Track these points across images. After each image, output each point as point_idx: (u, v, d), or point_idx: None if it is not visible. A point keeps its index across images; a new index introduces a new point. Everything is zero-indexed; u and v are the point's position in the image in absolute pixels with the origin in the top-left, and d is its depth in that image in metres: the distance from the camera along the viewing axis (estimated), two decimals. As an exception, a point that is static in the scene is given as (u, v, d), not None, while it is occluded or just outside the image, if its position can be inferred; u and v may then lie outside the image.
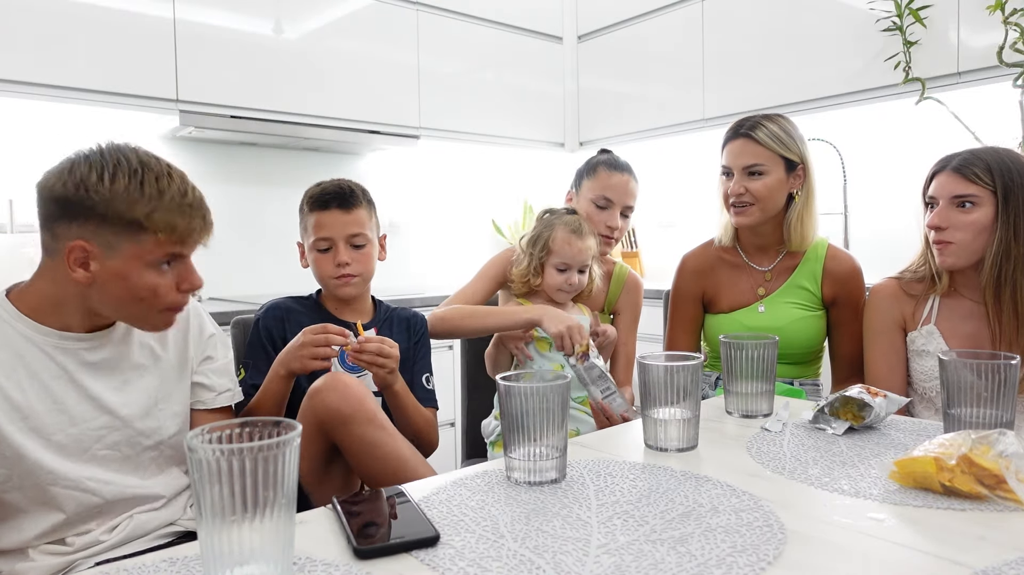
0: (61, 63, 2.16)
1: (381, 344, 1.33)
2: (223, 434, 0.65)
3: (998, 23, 2.10)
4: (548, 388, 0.88)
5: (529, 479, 0.89)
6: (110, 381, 1.10)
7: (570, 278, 1.61)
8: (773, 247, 1.71)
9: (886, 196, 2.70)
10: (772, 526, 0.75)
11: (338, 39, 2.75)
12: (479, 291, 1.71)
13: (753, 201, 1.62)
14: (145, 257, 1.01)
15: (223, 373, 1.26)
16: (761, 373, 1.20)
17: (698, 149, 3.26)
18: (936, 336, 1.45)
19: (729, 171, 1.65)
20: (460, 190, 3.55)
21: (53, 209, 1.00)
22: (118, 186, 0.98)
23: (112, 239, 0.99)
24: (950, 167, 1.40)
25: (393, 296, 2.59)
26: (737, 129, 1.65)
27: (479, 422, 1.75)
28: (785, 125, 1.63)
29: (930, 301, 1.48)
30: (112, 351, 1.10)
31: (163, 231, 1.00)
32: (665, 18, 3.08)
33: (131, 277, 1.01)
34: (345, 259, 1.44)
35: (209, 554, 0.61)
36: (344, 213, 1.44)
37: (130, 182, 0.99)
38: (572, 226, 1.61)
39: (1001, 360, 0.99)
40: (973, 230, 1.37)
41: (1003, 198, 1.35)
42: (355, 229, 1.45)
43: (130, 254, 1.00)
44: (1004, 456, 0.82)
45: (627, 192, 1.73)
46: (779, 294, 1.67)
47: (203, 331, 1.24)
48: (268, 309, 1.49)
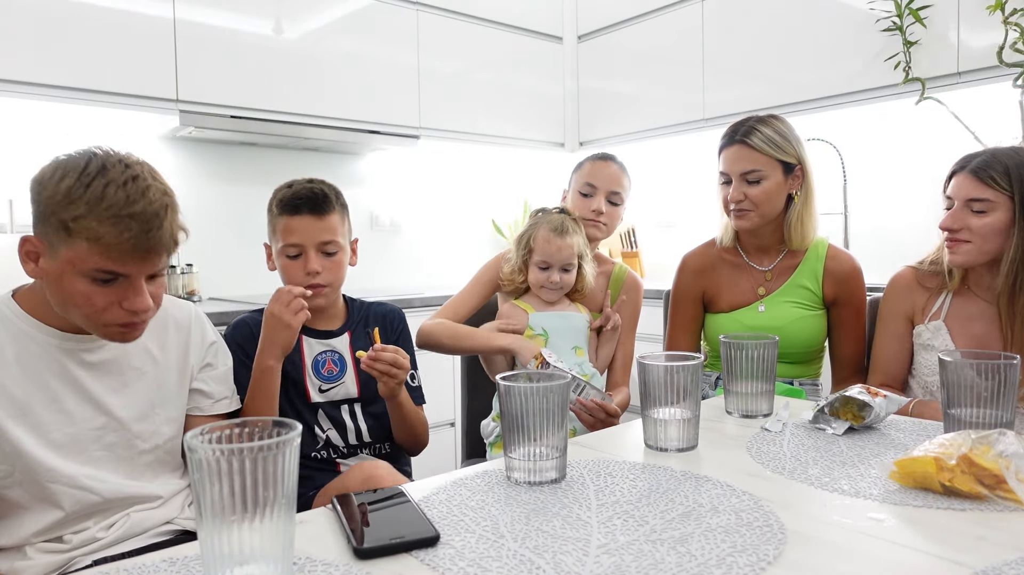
0: (61, 63, 2.16)
1: (396, 355, 1.31)
2: (223, 434, 0.65)
3: (998, 23, 2.10)
4: (548, 388, 0.88)
5: (529, 479, 0.89)
6: (109, 382, 1.10)
7: (551, 276, 1.62)
8: (774, 247, 1.71)
9: (886, 196, 2.70)
10: (772, 526, 0.75)
11: (338, 39, 2.75)
12: (470, 298, 1.73)
13: (752, 207, 1.62)
14: (77, 264, 0.96)
15: (222, 380, 1.26)
16: (761, 373, 1.20)
17: (698, 149, 3.26)
18: (943, 332, 1.44)
19: (727, 177, 1.65)
20: (460, 190, 3.55)
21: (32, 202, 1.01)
22: (63, 186, 0.95)
23: (53, 239, 0.96)
24: (968, 168, 1.38)
25: (393, 296, 2.60)
26: (732, 135, 1.63)
27: (479, 422, 1.74)
28: (780, 127, 1.62)
29: (942, 296, 1.48)
30: (112, 353, 1.10)
31: (89, 239, 0.94)
32: (665, 18, 3.08)
33: (63, 281, 0.97)
34: (316, 267, 1.37)
35: (209, 554, 0.61)
36: (316, 219, 1.37)
37: (75, 183, 0.94)
38: (554, 225, 1.63)
39: (1001, 360, 0.99)
40: (985, 233, 1.36)
41: (1020, 203, 1.33)
42: (327, 236, 1.38)
43: (65, 258, 0.96)
44: (1004, 456, 0.82)
45: (610, 178, 1.72)
46: (779, 293, 1.67)
47: (204, 338, 1.24)
48: (236, 326, 1.44)
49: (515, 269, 1.67)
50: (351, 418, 1.44)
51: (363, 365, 1.31)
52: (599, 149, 3.72)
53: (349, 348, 1.46)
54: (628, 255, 3.45)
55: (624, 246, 3.45)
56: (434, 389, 1.38)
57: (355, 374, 1.45)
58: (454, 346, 1.65)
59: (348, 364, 1.46)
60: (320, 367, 1.43)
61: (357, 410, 1.45)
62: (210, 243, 2.74)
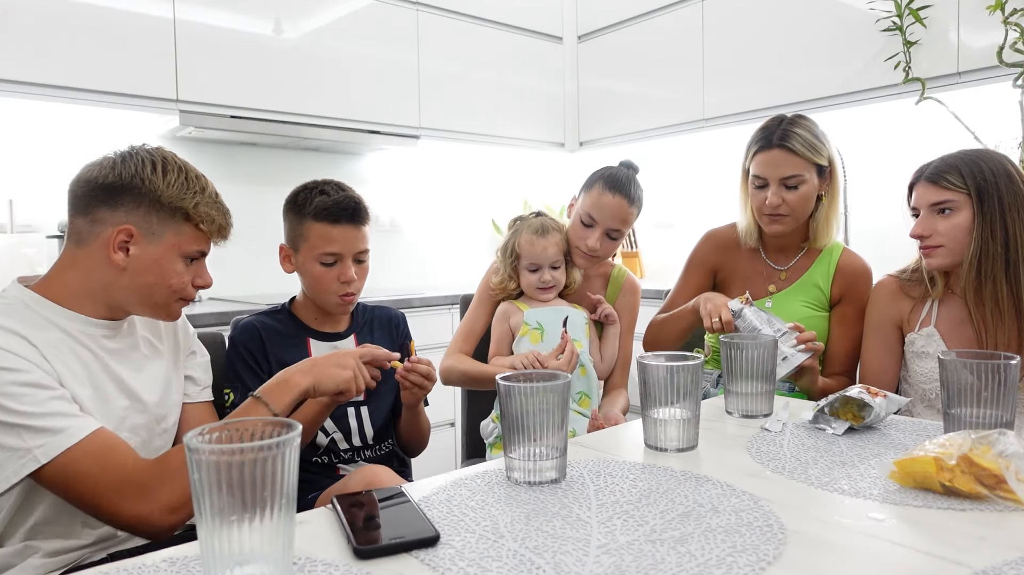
0: (61, 63, 2.16)
1: (429, 367, 1.34)
2: (223, 434, 0.65)
3: (998, 23, 2.10)
4: (548, 388, 0.88)
5: (529, 479, 0.89)
6: (130, 366, 1.13)
7: (542, 276, 1.66)
8: (794, 246, 1.72)
9: (886, 196, 2.70)
10: (772, 526, 0.75)
11: (338, 39, 2.75)
12: (479, 318, 1.75)
13: (789, 212, 1.60)
14: (182, 247, 1.09)
15: (205, 369, 1.31)
16: (761, 373, 1.20)
17: (698, 149, 3.25)
18: (936, 338, 1.45)
19: (764, 181, 1.61)
20: (460, 190, 3.55)
21: (99, 195, 1.05)
22: (170, 178, 1.08)
23: (157, 227, 1.07)
24: (924, 176, 1.43)
25: (393, 296, 2.60)
26: (769, 138, 1.59)
27: (479, 422, 1.75)
28: (813, 128, 1.60)
29: (928, 304, 1.49)
30: (127, 341, 1.15)
31: (205, 222, 1.10)
32: (665, 18, 3.08)
33: (165, 263, 1.08)
34: (353, 276, 1.40)
35: (209, 554, 0.61)
36: (355, 229, 1.40)
37: (179, 176, 1.09)
38: (534, 227, 1.67)
39: (1001, 360, 0.99)
40: (955, 234, 1.39)
41: (978, 199, 1.37)
42: (363, 246, 1.42)
43: (170, 242, 1.08)
44: (1004, 456, 0.82)
45: (615, 215, 1.62)
46: (791, 291, 1.68)
47: (187, 327, 1.29)
48: (243, 329, 1.43)
49: (505, 278, 1.70)
50: (356, 419, 1.44)
51: (397, 375, 1.32)
52: (599, 149, 3.72)
53: None
54: (628, 255, 3.45)
55: (624, 246, 3.45)
56: (434, 389, 1.38)
57: None
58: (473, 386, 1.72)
59: None
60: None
61: (363, 412, 1.45)
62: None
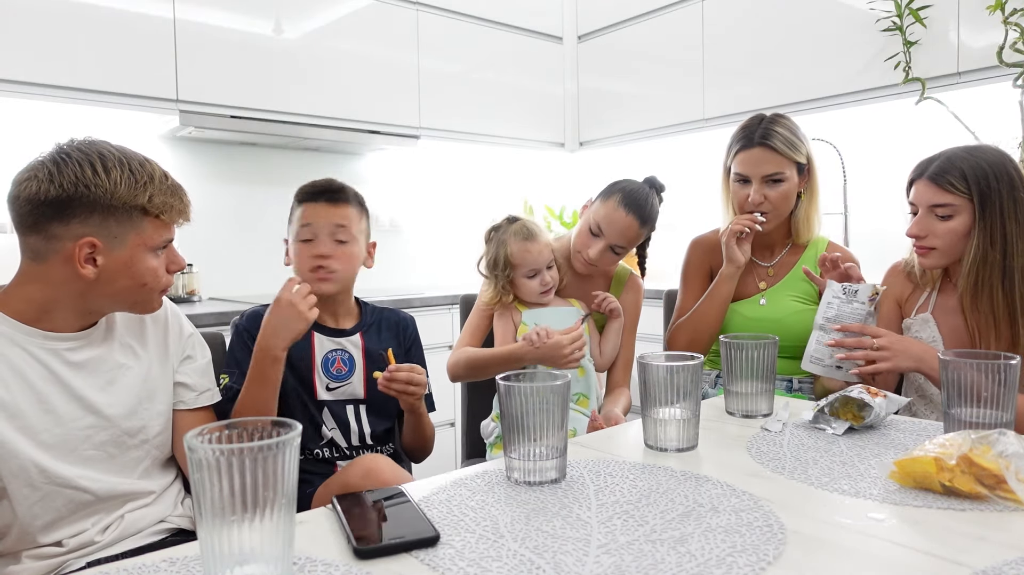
0: (61, 63, 2.16)
1: (411, 373, 1.32)
2: (223, 434, 0.65)
3: (998, 23, 2.10)
4: (548, 388, 0.88)
5: (529, 479, 0.89)
6: (95, 380, 1.09)
7: (543, 279, 1.65)
8: (779, 243, 1.74)
9: (886, 196, 2.70)
10: (772, 526, 0.75)
11: (338, 39, 2.75)
12: (481, 322, 1.73)
13: (771, 208, 1.63)
14: (148, 243, 1.05)
15: (203, 373, 1.25)
16: (761, 373, 1.20)
17: (698, 149, 3.25)
18: (931, 324, 1.46)
19: (745, 179, 1.63)
20: (460, 190, 3.54)
21: (46, 212, 0.99)
22: (115, 175, 1.01)
23: (117, 230, 1.02)
24: (927, 175, 1.41)
25: (393, 296, 2.60)
26: (751, 137, 1.61)
27: (479, 422, 1.74)
28: (791, 126, 1.63)
29: (927, 291, 1.51)
30: (95, 351, 1.10)
31: (164, 212, 1.05)
32: (665, 18, 3.08)
33: (136, 264, 1.04)
34: (324, 251, 1.38)
35: (209, 554, 0.61)
36: (331, 206, 1.41)
37: (123, 171, 1.02)
38: (522, 234, 1.64)
39: (1001, 360, 0.99)
40: (951, 239, 1.38)
41: (980, 205, 1.34)
42: (340, 221, 1.40)
43: (135, 242, 1.04)
44: (1004, 456, 0.82)
45: (623, 233, 1.63)
46: (780, 287, 1.69)
47: (182, 331, 1.24)
48: (250, 317, 1.44)
49: (499, 291, 1.66)
50: (355, 419, 1.44)
51: (380, 386, 1.32)
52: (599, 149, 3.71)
53: (361, 349, 1.46)
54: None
55: (624, 246, 3.45)
56: (434, 389, 1.38)
57: (364, 376, 1.45)
58: (481, 376, 1.67)
59: (358, 365, 1.45)
60: (330, 365, 1.43)
61: (362, 411, 1.45)
62: (210, 243, 2.74)
